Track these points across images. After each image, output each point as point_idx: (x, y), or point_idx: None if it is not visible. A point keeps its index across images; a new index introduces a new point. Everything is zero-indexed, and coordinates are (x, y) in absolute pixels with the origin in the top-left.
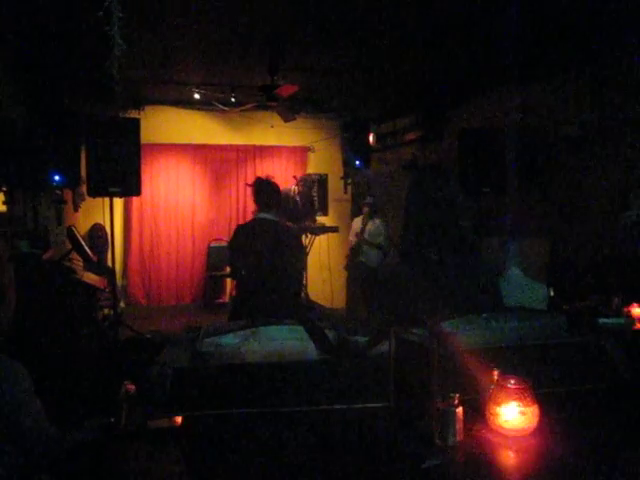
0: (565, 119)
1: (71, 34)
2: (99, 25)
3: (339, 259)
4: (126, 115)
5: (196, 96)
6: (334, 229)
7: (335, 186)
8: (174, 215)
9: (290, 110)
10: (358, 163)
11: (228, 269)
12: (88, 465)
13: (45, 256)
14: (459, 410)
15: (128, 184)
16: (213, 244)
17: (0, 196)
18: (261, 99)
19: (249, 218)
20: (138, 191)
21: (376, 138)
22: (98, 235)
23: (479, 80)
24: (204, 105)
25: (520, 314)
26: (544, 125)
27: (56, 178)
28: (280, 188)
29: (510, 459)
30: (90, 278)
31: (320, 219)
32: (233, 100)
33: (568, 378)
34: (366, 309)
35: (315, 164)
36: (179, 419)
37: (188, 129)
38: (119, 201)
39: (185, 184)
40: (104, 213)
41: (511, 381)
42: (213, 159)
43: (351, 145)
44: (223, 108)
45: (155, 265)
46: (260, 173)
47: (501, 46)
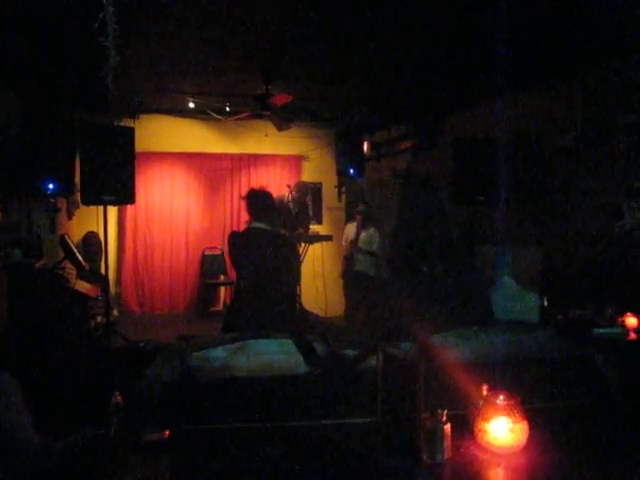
0: (558, 129)
1: (66, 43)
2: (94, 35)
3: (333, 268)
4: (121, 123)
5: (191, 105)
6: (328, 238)
7: (329, 195)
8: (168, 223)
9: (284, 119)
10: (352, 172)
11: (222, 277)
12: (78, 476)
13: (38, 264)
14: (447, 427)
15: (122, 192)
16: (207, 252)
17: None
18: (255, 108)
19: (243, 225)
20: (132, 199)
21: (370, 147)
22: (92, 243)
23: (473, 89)
24: (199, 114)
25: (510, 327)
26: (537, 135)
27: (50, 186)
28: (276, 195)
29: (499, 477)
30: (82, 287)
31: (314, 227)
32: (228, 109)
33: (558, 393)
34: (366, 318)
35: (309, 173)
36: (167, 433)
37: (183, 138)
38: (113, 209)
39: (179, 192)
40: (98, 221)
41: (500, 397)
42: (207, 168)
43: (345, 154)
44: (217, 117)
45: (149, 273)
46: (254, 182)
47: (494, 56)
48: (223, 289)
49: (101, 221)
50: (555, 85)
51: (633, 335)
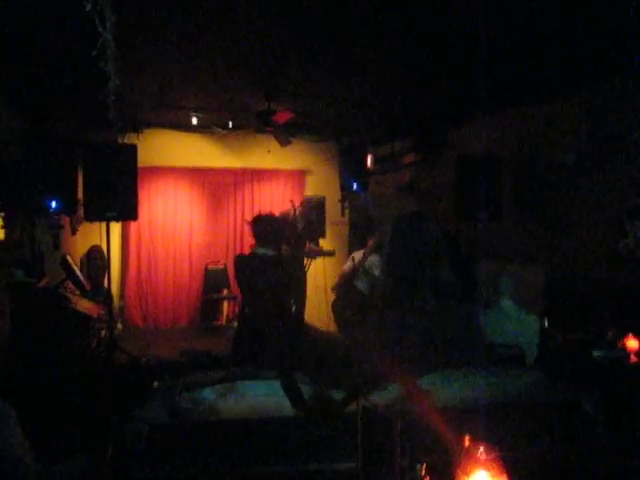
0: (561, 145)
1: (68, 62)
2: (95, 58)
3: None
4: (124, 138)
5: (194, 120)
6: (330, 253)
7: (333, 209)
8: (171, 237)
9: (287, 135)
10: (356, 186)
11: (225, 291)
12: None
13: (40, 284)
14: None
15: (125, 209)
16: (210, 266)
17: None
18: (258, 124)
19: (246, 241)
20: (135, 216)
21: (374, 161)
22: (96, 257)
23: (476, 104)
24: (202, 128)
25: (499, 370)
26: (540, 151)
27: (53, 204)
28: (279, 212)
29: None
30: (84, 306)
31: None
32: (230, 125)
33: (543, 439)
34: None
35: (313, 187)
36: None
37: (186, 152)
38: (117, 224)
39: (183, 207)
40: (102, 235)
41: (480, 449)
42: (211, 182)
43: (349, 168)
44: (220, 131)
45: (152, 287)
46: (258, 196)
47: (498, 71)
48: (226, 303)
49: (105, 235)
50: (558, 101)
51: (634, 358)
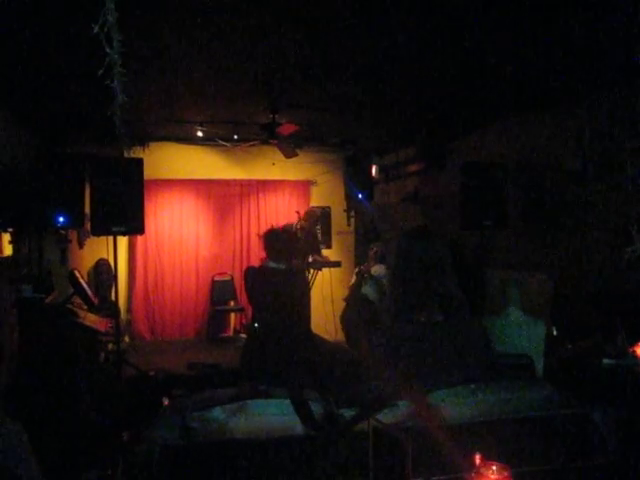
0: (566, 153)
1: (75, 82)
2: (102, 78)
3: (342, 292)
4: (130, 152)
5: (199, 133)
6: (336, 264)
7: (338, 219)
8: (178, 249)
9: (292, 147)
10: (361, 196)
11: (232, 303)
12: None
13: (48, 299)
14: None
15: (132, 223)
16: (217, 278)
17: (6, 236)
18: (263, 136)
19: (253, 252)
20: (142, 230)
21: (379, 170)
22: (103, 270)
23: (480, 113)
24: (207, 141)
25: (508, 385)
26: (545, 159)
27: (60, 219)
28: (284, 224)
29: None
30: (92, 320)
31: (323, 252)
32: (236, 137)
33: (556, 454)
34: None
35: (318, 198)
36: None
37: (192, 165)
38: (124, 236)
39: (189, 219)
40: (109, 248)
41: (492, 468)
42: (216, 194)
43: (354, 178)
44: (225, 144)
45: (159, 299)
46: (263, 207)
47: (502, 80)
48: (233, 315)
49: (111, 248)
50: (563, 109)
51: None
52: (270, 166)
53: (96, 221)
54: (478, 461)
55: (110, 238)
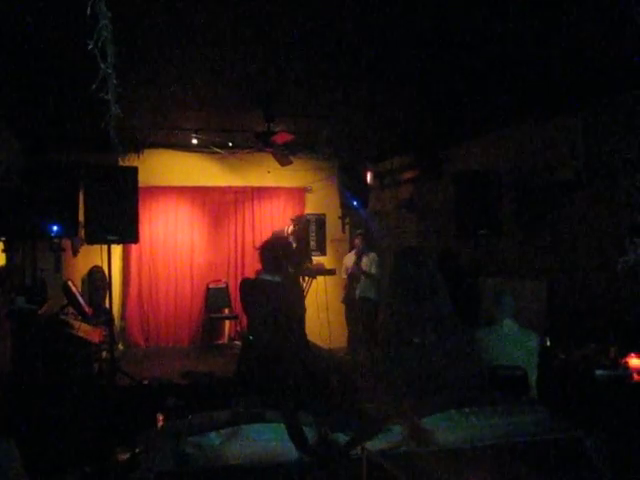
0: (560, 162)
1: (67, 92)
2: (95, 90)
3: (337, 299)
4: (125, 159)
5: (194, 141)
6: (331, 272)
7: (333, 226)
8: (172, 257)
9: (286, 155)
10: (355, 203)
11: (226, 311)
12: None
13: (41, 310)
14: None
15: (126, 232)
16: (211, 285)
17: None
18: (257, 144)
19: (247, 260)
20: (136, 239)
21: (374, 176)
22: (97, 278)
23: (475, 121)
24: (202, 148)
25: (502, 409)
26: (539, 168)
27: (54, 228)
28: (276, 230)
29: None
30: (85, 331)
31: (318, 259)
32: (230, 144)
33: (547, 479)
34: (368, 347)
35: (313, 205)
36: None
37: (186, 171)
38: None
39: (183, 226)
40: (103, 255)
41: None
42: (211, 201)
43: (348, 185)
44: (220, 152)
45: (154, 307)
46: (258, 214)
47: (496, 89)
48: (227, 322)
49: (106, 256)
50: (556, 119)
51: (637, 377)
52: (265, 173)
53: (90, 230)
54: None
55: (104, 245)
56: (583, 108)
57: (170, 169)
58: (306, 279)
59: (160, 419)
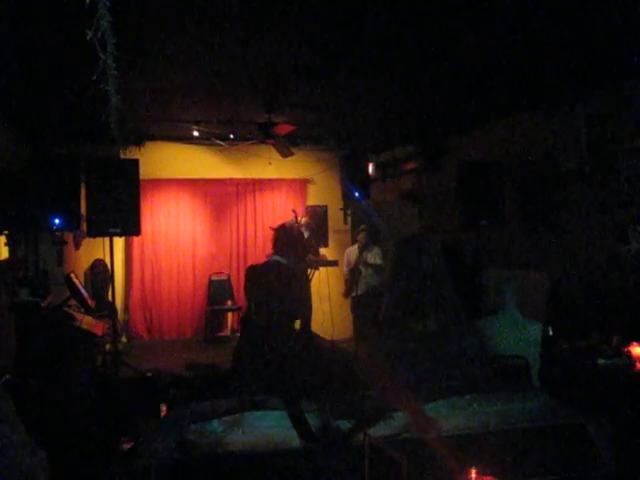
0: (562, 152)
1: (68, 84)
2: (96, 82)
3: (339, 290)
4: (126, 151)
5: (195, 133)
6: (334, 263)
7: (335, 217)
8: (175, 249)
9: (288, 146)
10: (357, 195)
11: (229, 302)
12: None
13: (44, 303)
14: None
15: (128, 224)
16: (214, 277)
17: (2, 239)
18: (259, 135)
19: (249, 250)
20: (138, 231)
21: (376, 167)
22: (99, 270)
23: (478, 111)
24: (203, 140)
25: (504, 395)
26: (542, 158)
27: (56, 221)
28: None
29: None
30: (89, 323)
31: (320, 250)
32: (232, 136)
33: (551, 465)
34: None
35: (315, 196)
36: None
37: (188, 164)
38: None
39: (185, 218)
40: (105, 248)
41: None
42: (213, 193)
43: (350, 176)
44: (222, 144)
45: (156, 299)
46: (260, 206)
47: (499, 78)
48: (230, 314)
49: (108, 249)
50: (559, 109)
51: (639, 366)
52: (266, 165)
53: (92, 222)
54: (474, 476)
55: (107, 238)
56: (586, 98)
57: (171, 161)
58: (309, 270)
59: (163, 409)
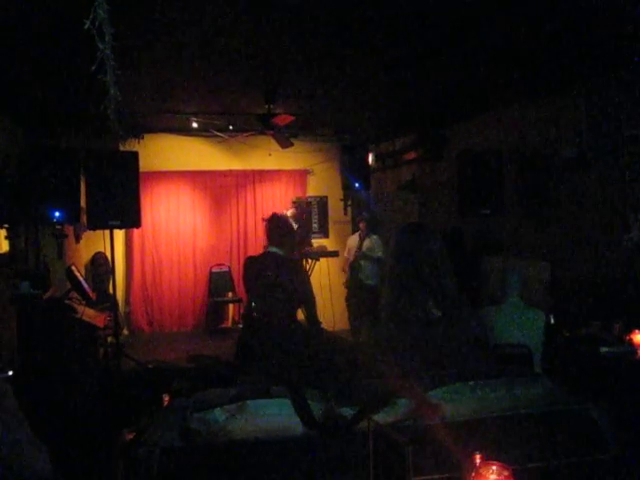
0: (563, 140)
1: (66, 77)
2: (94, 73)
3: (339, 281)
4: (125, 144)
5: (194, 125)
6: (334, 254)
7: (335, 208)
8: (175, 241)
9: (287, 137)
10: (357, 185)
11: (230, 294)
12: None
13: (46, 296)
14: None
15: (128, 217)
16: (215, 269)
17: (2, 233)
18: (258, 126)
19: (250, 242)
20: (138, 223)
21: (375, 158)
22: (100, 263)
23: (478, 101)
24: (202, 132)
25: (508, 381)
26: (542, 146)
27: (56, 214)
28: (273, 213)
29: None
30: (90, 316)
31: (320, 241)
32: (231, 127)
33: (555, 451)
34: (368, 330)
35: (315, 187)
36: None
37: (187, 156)
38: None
39: (185, 210)
40: (106, 241)
41: (492, 469)
42: (212, 185)
43: (350, 167)
44: (221, 135)
45: (157, 292)
46: (260, 198)
47: (498, 67)
48: (231, 306)
49: (108, 241)
50: (560, 96)
51: None
52: (266, 156)
53: (92, 215)
54: (478, 461)
55: (107, 231)
56: (587, 86)
57: (171, 153)
58: (309, 261)
59: (166, 400)
